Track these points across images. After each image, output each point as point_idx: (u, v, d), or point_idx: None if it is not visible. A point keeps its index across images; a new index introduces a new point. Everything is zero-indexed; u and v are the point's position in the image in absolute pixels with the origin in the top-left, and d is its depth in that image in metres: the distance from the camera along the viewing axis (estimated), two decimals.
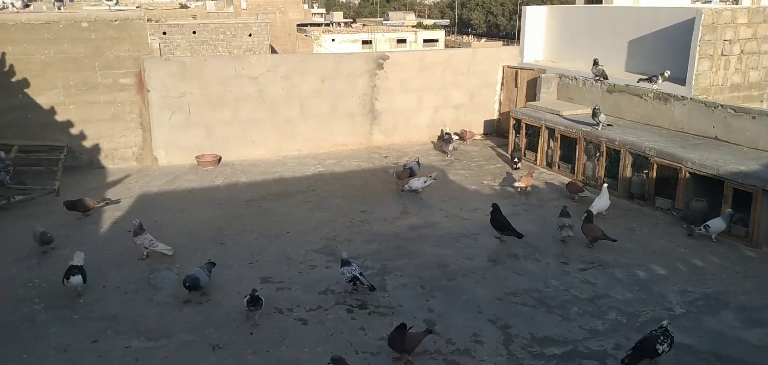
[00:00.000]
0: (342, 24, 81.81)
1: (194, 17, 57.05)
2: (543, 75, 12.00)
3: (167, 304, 6.11)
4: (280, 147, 11.41)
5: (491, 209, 7.60)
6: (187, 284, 6.01)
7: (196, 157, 10.75)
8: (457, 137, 11.94)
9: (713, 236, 7.49)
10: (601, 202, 8.26)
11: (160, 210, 8.65)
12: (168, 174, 10.28)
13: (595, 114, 9.59)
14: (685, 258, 7.17)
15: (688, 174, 8.09)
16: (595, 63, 11.48)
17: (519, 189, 9.49)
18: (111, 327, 5.66)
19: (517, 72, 12.61)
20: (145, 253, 7.01)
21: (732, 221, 7.47)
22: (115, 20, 10.05)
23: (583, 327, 5.76)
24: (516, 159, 10.51)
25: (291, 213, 8.62)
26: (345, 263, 6.27)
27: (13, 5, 9.96)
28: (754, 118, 8.50)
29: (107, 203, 8.63)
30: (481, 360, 5.24)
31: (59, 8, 10.47)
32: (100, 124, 10.32)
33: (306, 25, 66.29)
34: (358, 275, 6.19)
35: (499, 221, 7.53)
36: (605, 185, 8.54)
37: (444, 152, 11.48)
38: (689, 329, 5.70)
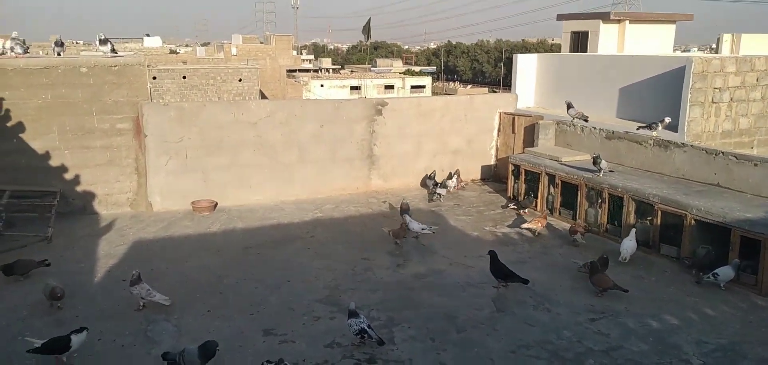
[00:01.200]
0: (330, 70, 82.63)
1: (184, 63, 57.39)
2: (541, 121, 12.04)
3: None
4: (278, 192, 11.26)
5: (489, 256, 7.52)
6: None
7: (192, 202, 10.55)
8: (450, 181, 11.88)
9: (722, 285, 7.40)
10: (630, 245, 8.31)
11: (156, 258, 8.41)
12: (163, 220, 10.05)
13: (596, 161, 9.58)
14: (696, 307, 7.05)
15: (693, 221, 8.04)
16: (569, 106, 11.62)
17: (531, 231, 9.46)
18: None
19: (514, 118, 12.64)
20: (141, 304, 6.75)
21: (740, 270, 7.39)
22: (115, 66, 9.95)
23: None
24: (517, 206, 10.46)
25: (291, 261, 8.42)
26: (352, 314, 6.08)
27: (13, 50, 9.84)
28: (756, 165, 8.52)
29: (46, 264, 7.69)
30: None
31: (59, 54, 10.35)
32: (96, 169, 10.12)
33: (295, 70, 66.87)
34: (366, 327, 5.99)
35: (498, 269, 7.40)
36: (634, 229, 8.47)
37: (431, 200, 11.35)
38: None
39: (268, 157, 11.09)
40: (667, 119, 10.50)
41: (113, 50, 10.76)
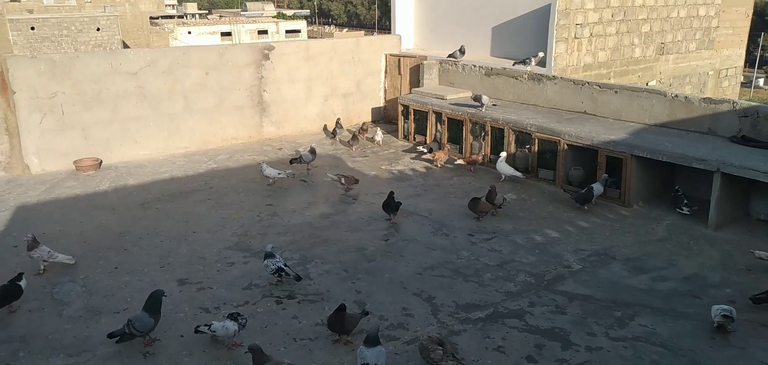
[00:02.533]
0: (197, 16, 78.43)
1: (30, 12, 51.78)
2: (425, 62, 12.56)
3: (80, 317, 5.71)
4: (166, 145, 10.89)
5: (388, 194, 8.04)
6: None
7: (74, 161, 9.95)
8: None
9: (593, 200, 8.41)
10: (503, 165, 9.41)
11: (46, 222, 7.95)
12: (44, 182, 9.42)
13: (477, 99, 10.27)
14: (572, 221, 8.00)
15: (566, 146, 8.98)
16: (462, 52, 12.31)
17: (433, 162, 10.29)
18: (22, 348, 5.20)
19: (399, 60, 13.07)
20: (42, 267, 6.45)
21: (607, 185, 8.43)
22: None
23: (499, 291, 6.26)
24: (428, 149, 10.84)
25: (192, 213, 8.33)
26: (268, 255, 6.25)
27: None
28: (616, 92, 9.62)
29: None
30: (415, 331, 5.52)
31: None
32: None
33: (158, 17, 62.77)
34: (282, 266, 6.20)
35: (388, 204, 7.96)
36: (503, 153, 9.56)
37: (349, 145, 11.25)
38: (588, 282, 6.42)
39: (152, 108, 10.66)
40: (541, 54, 11.42)
41: None
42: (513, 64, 11.47)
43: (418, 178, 9.84)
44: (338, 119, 11.93)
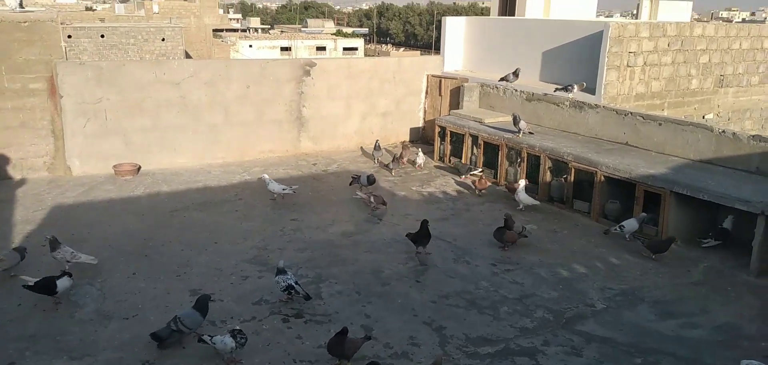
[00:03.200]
0: (259, 30, 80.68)
1: (102, 20, 54.49)
2: (466, 84, 12.38)
3: (90, 321, 5.80)
4: (203, 155, 11.10)
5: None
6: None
7: (114, 166, 10.26)
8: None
9: (627, 236, 7.99)
10: (523, 195, 9.06)
11: (77, 223, 8.19)
12: (83, 185, 9.74)
13: (515, 121, 10.00)
14: (602, 257, 7.62)
15: (603, 178, 8.60)
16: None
17: (477, 189, 9.92)
18: (30, 347, 5.31)
19: (440, 81, 12.93)
20: (66, 267, 6.60)
21: (644, 222, 8.00)
22: (25, 22, 9.44)
23: (514, 326, 5.99)
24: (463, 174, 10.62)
25: (218, 223, 8.41)
26: (280, 271, 6.20)
27: None
28: (660, 124, 9.16)
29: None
30: (418, 362, 5.33)
31: None
32: (7, 132, 9.64)
33: (222, 30, 64.92)
34: (293, 283, 6.13)
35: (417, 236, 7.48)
36: (523, 181, 9.30)
37: (389, 169, 10.89)
38: (610, 323, 6.06)
39: (193, 118, 10.90)
40: (584, 83, 11.03)
41: (21, 5, 10.16)
42: (554, 91, 11.12)
43: (448, 201, 9.63)
44: (377, 141, 11.67)
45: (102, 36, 45.35)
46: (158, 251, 7.43)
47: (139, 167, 10.51)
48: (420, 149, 11.62)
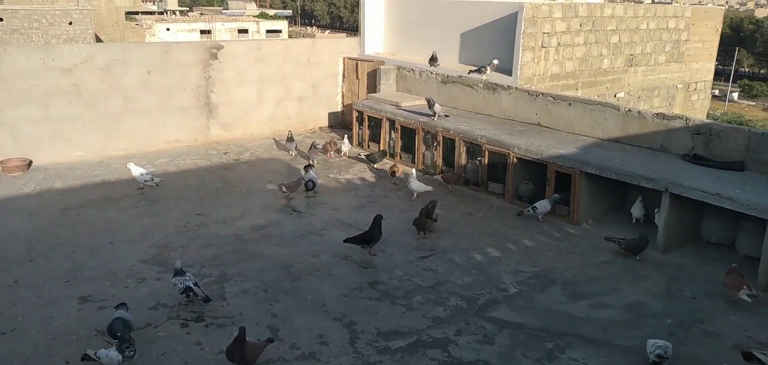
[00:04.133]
0: (177, 12, 77.37)
1: (0, 2, 50.55)
2: (382, 67, 12.13)
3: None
4: (102, 147, 10.32)
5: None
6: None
7: (0, 162, 9.35)
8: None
9: (540, 217, 8.01)
10: (416, 184, 8.81)
11: None
12: None
13: (430, 105, 9.86)
14: (515, 239, 7.59)
15: (516, 159, 8.59)
16: (433, 59, 11.62)
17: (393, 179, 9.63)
18: None
19: (357, 63, 12.62)
20: None
21: (556, 203, 8.04)
22: None
23: (426, 316, 5.82)
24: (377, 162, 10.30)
25: (115, 220, 7.79)
26: (178, 273, 5.76)
27: None
28: (570, 105, 9.25)
29: None
30: (326, 362, 5.07)
31: None
32: None
33: (136, 13, 61.70)
34: (192, 285, 5.70)
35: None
36: (413, 171, 9.10)
37: (307, 158, 10.31)
38: (523, 307, 6.01)
39: (89, 107, 10.08)
40: (495, 62, 11.02)
41: None
42: (468, 73, 11.06)
43: (366, 188, 9.38)
44: (290, 132, 10.86)
45: (1, 19, 42.10)
46: (45, 255, 6.77)
47: (30, 162, 9.64)
48: (346, 136, 11.20)
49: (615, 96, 16.39)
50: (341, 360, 5.11)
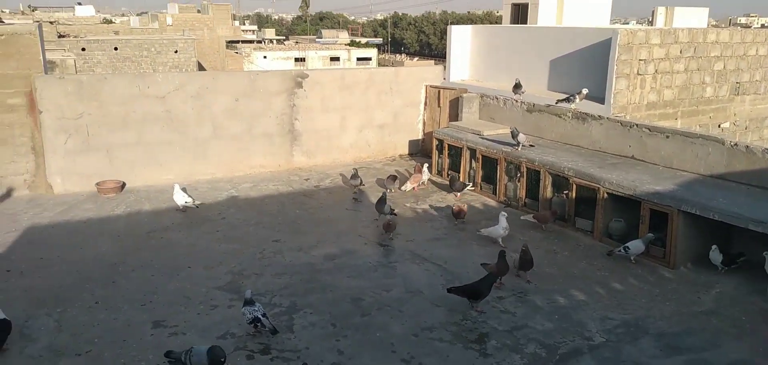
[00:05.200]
0: (274, 41, 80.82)
1: (116, 33, 54.90)
2: (465, 94, 11.84)
3: (40, 357, 5.35)
4: (191, 171, 10.68)
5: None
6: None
7: (96, 183, 9.88)
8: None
9: (632, 258, 7.39)
10: (493, 229, 7.98)
11: (48, 246, 7.79)
12: (63, 203, 9.37)
13: (513, 135, 9.46)
14: (604, 282, 7.01)
15: (606, 194, 8.00)
16: (517, 86, 11.18)
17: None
18: None
19: (439, 91, 12.41)
20: None
21: (651, 243, 7.39)
22: (2, 35, 9.11)
23: (501, 363, 5.43)
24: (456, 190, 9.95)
25: (196, 245, 7.95)
26: (248, 302, 5.72)
27: None
28: (667, 137, 8.54)
29: None
30: None
31: None
32: None
33: (236, 42, 65.01)
34: (260, 316, 5.64)
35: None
36: (503, 213, 8.10)
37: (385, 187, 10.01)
38: (609, 360, 5.47)
39: (179, 133, 10.49)
40: (585, 91, 10.45)
41: None
42: (556, 102, 10.54)
43: (443, 219, 9.09)
44: (355, 169, 10.32)
45: (115, 48, 45.70)
46: (127, 277, 6.98)
47: (124, 184, 10.13)
48: (426, 164, 10.93)
49: (719, 127, 15.18)
50: None
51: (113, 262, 7.35)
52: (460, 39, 18.05)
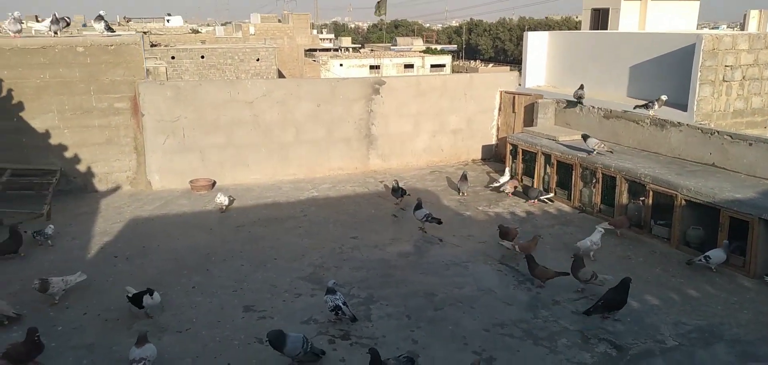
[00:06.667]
0: (350, 49, 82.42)
1: (203, 42, 57.78)
2: (540, 100, 11.90)
3: (148, 333, 5.97)
4: (275, 172, 11.35)
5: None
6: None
7: (190, 181, 10.70)
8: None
9: (713, 267, 7.29)
10: (586, 243, 7.79)
11: (149, 236, 8.57)
12: (161, 199, 10.22)
13: (584, 139, 9.48)
14: (679, 288, 6.98)
15: (684, 201, 7.92)
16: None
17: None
18: (86, 356, 5.54)
19: (514, 97, 12.52)
20: (57, 299, 6.48)
21: (730, 251, 7.27)
22: (111, 45, 10.08)
23: (571, 361, 5.58)
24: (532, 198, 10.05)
25: (280, 239, 8.51)
26: (330, 291, 6.15)
27: (9, 30, 10.03)
28: (751, 144, 8.34)
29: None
30: None
31: (56, 33, 10.50)
32: (95, 148, 10.31)
33: (314, 50, 66.89)
34: (341, 304, 6.06)
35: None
36: (600, 229, 7.91)
37: (458, 190, 10.62)
38: (681, 363, 5.51)
39: (265, 136, 11.18)
40: (664, 97, 10.29)
41: (109, 28, 10.88)
42: (634, 108, 10.44)
43: (516, 224, 9.22)
44: (464, 172, 10.87)
45: (202, 57, 48.13)
46: (219, 266, 7.61)
47: (214, 183, 10.90)
48: (507, 169, 11.08)
49: None
50: None
51: (206, 252, 8.01)
52: (537, 45, 18.02)
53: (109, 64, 10.06)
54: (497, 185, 10.67)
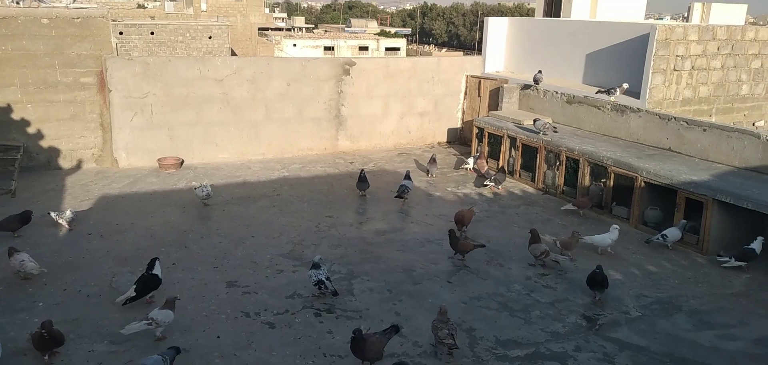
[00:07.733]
0: (304, 29, 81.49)
1: (152, 18, 56.04)
2: (505, 85, 12.28)
3: (131, 307, 6.01)
4: (244, 151, 11.35)
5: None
6: None
7: (158, 159, 10.59)
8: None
9: (670, 245, 7.80)
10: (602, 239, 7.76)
11: (121, 213, 8.50)
12: (129, 177, 10.09)
13: (534, 122, 9.99)
14: (640, 264, 7.46)
15: (643, 183, 8.42)
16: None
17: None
18: (72, 330, 5.54)
19: (480, 81, 12.86)
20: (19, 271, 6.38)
21: (685, 230, 7.80)
22: (77, 18, 9.83)
23: (545, 330, 5.94)
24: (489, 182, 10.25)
25: (255, 217, 8.59)
26: (315, 266, 6.31)
27: None
28: (704, 130, 8.91)
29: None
30: (447, 362, 5.35)
31: (18, 3, 10.14)
32: (59, 123, 10.07)
33: (267, 29, 65.88)
34: (324, 279, 6.22)
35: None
36: (616, 226, 7.78)
37: (426, 171, 10.90)
38: (645, 331, 5.94)
39: (235, 114, 11.15)
40: (625, 85, 10.81)
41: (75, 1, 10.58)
42: (595, 94, 10.93)
43: (484, 203, 9.59)
44: (434, 154, 11.03)
45: (152, 33, 46.68)
46: (197, 243, 7.64)
47: (183, 161, 10.82)
48: (478, 152, 11.39)
49: (753, 125, 15.33)
50: (461, 361, 5.37)
51: (183, 230, 8.02)
52: (497, 31, 18.38)
53: (75, 37, 9.82)
54: (467, 166, 10.96)
